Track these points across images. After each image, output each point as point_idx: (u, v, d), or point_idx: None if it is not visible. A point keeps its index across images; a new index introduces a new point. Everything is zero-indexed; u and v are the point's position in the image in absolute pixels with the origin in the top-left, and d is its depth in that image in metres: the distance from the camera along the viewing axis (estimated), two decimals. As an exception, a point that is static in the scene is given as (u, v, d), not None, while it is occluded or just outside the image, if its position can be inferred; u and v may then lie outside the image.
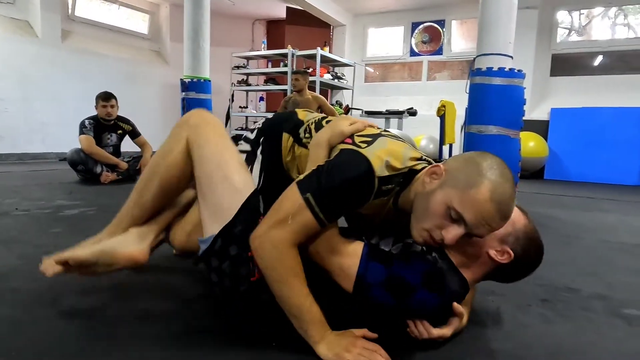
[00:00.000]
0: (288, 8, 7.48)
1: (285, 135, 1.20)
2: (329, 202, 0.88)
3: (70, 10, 6.33)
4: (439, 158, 4.30)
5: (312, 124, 1.18)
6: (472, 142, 3.25)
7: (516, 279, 1.06)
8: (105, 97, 3.70)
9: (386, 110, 6.32)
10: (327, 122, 1.15)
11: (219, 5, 7.10)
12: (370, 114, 6.43)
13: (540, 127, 6.11)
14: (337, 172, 0.88)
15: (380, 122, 6.50)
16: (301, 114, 1.26)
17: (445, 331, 0.96)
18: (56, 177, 3.87)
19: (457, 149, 5.27)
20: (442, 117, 4.50)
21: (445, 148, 4.74)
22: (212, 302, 1.18)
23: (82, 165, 3.55)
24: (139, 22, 7.53)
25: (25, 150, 5.59)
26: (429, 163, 1.02)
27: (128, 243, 1.11)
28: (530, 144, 5.63)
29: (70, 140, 4.48)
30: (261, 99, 8.19)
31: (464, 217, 0.84)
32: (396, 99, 7.36)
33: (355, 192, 0.89)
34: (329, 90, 7.80)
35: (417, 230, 0.92)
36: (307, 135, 1.16)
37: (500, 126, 3.11)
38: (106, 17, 6.94)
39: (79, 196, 2.89)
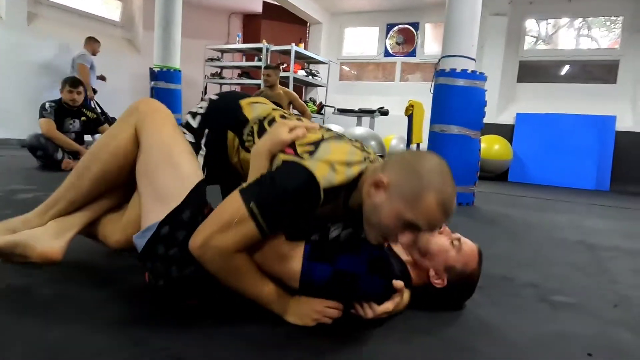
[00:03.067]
0: (265, 3, 7.46)
1: (230, 135, 1.17)
2: (273, 214, 0.89)
3: (37, -7, 6.12)
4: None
5: (255, 125, 1.14)
6: (435, 141, 3.34)
7: (431, 304, 1.15)
8: (72, 83, 3.61)
9: (358, 109, 6.40)
10: (270, 123, 1.12)
11: (195, -4, 7.01)
12: (342, 111, 6.50)
13: (506, 131, 6.31)
14: (279, 185, 0.89)
15: (352, 120, 6.58)
16: (246, 109, 1.18)
17: (388, 305, 1.00)
18: (15, 163, 3.76)
19: (424, 148, 5.38)
20: (410, 117, 4.60)
21: (413, 147, 4.84)
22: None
23: (41, 150, 3.45)
24: (111, 9, 7.36)
25: (-15, 136, 5.38)
26: (371, 160, 1.04)
27: (43, 239, 1.07)
28: (496, 147, 5.81)
29: (32, 126, 4.35)
30: (235, 93, 8.12)
31: (418, 225, 0.89)
32: (369, 99, 7.45)
33: (299, 204, 0.90)
34: (303, 87, 7.82)
35: (372, 236, 0.96)
36: (249, 138, 1.14)
37: (461, 126, 3.21)
38: (76, 2, 6.74)
39: (35, 181, 2.82)
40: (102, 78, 6.06)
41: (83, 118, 3.77)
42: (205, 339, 0.89)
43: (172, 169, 1.01)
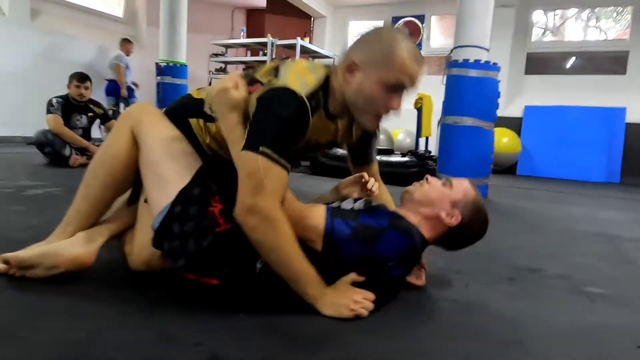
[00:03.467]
0: (269, -4, 7.40)
1: (192, 121, 1.14)
2: (282, 143, 0.91)
3: (40, -11, 6.08)
4: (415, 150, 4.34)
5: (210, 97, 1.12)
6: (447, 133, 3.30)
7: (460, 246, 1.18)
8: (80, 78, 3.58)
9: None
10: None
11: (198, -9, 6.95)
12: (348, 106, 6.44)
13: (514, 124, 6.25)
14: (270, 114, 0.91)
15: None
16: (195, 93, 1.20)
17: (424, 280, 1.15)
18: (22, 160, 3.72)
19: (433, 142, 5.33)
20: (420, 110, 4.54)
21: (422, 140, 4.79)
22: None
23: (49, 147, 3.42)
24: (113, 5, 7.30)
25: (-11, 133, 5.35)
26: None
27: (73, 245, 1.06)
28: (504, 140, 5.75)
29: (37, 123, 4.31)
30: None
31: (402, 83, 0.96)
32: (375, 93, 7.39)
33: (296, 120, 0.93)
34: (309, 82, 7.76)
35: (366, 119, 1.03)
36: (212, 110, 1.09)
37: (475, 118, 3.16)
38: (79, -2, 6.69)
39: (44, 177, 2.79)
40: (135, 85, 6.12)
41: (90, 114, 3.73)
42: (239, 334, 0.85)
43: (174, 157, 1.05)
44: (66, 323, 0.85)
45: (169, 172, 1.03)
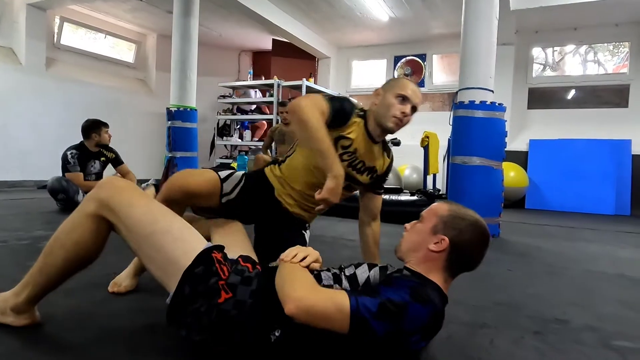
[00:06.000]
0: (274, 40, 7.64)
1: (267, 170, 1.61)
2: (335, 102, 1.46)
3: (55, 39, 6.33)
4: (423, 188, 4.35)
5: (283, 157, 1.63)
6: (457, 173, 3.31)
7: (475, 260, 1.11)
8: (106, 124, 3.76)
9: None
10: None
11: (206, 36, 7.21)
12: (355, 143, 6.50)
13: (520, 158, 6.28)
14: (340, 101, 1.50)
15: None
16: (270, 175, 1.59)
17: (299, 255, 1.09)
18: (35, 206, 3.76)
19: (440, 179, 5.35)
20: (426, 148, 4.59)
21: (429, 178, 4.81)
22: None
23: (63, 193, 3.46)
24: (124, 51, 7.58)
25: (3, 179, 5.43)
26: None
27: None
28: (511, 174, 5.75)
29: (49, 168, 4.39)
30: (246, 127, 8.23)
31: (407, 95, 1.46)
32: (380, 129, 7.48)
33: (348, 104, 1.52)
34: (314, 120, 7.88)
35: (388, 119, 1.48)
36: (282, 159, 1.62)
37: (483, 157, 3.18)
38: (92, 46, 6.96)
39: (58, 226, 2.80)
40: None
41: (102, 158, 3.80)
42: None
43: (166, 236, 1.03)
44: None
45: (165, 255, 1.02)
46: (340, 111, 1.44)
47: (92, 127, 3.67)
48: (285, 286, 0.94)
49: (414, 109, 1.48)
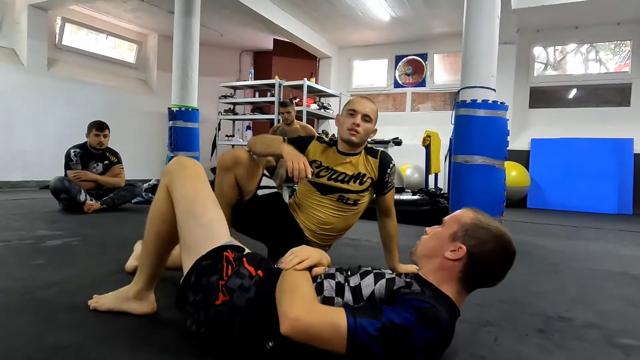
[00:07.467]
0: (275, 40, 7.64)
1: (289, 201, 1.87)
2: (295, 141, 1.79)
3: (57, 39, 6.35)
4: (425, 188, 4.34)
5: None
6: (458, 172, 3.30)
7: (496, 276, 1.04)
8: (99, 127, 3.68)
9: (372, 140, 6.41)
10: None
11: (207, 36, 7.22)
12: (356, 143, 6.50)
13: (522, 157, 6.27)
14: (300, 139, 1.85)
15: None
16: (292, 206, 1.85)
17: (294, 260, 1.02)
18: (37, 206, 3.77)
19: (442, 178, 5.34)
20: (428, 147, 4.59)
21: (431, 177, 4.81)
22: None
23: (65, 193, 3.46)
24: (126, 52, 7.59)
25: (5, 179, 5.44)
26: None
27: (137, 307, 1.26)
28: (513, 174, 5.75)
29: (51, 168, 4.40)
30: (248, 127, 8.23)
31: (355, 108, 1.69)
32: (381, 129, 7.41)
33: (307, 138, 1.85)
34: (315, 120, 7.89)
35: (344, 133, 1.71)
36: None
37: (485, 156, 3.17)
38: (93, 46, 6.97)
39: (61, 226, 2.81)
40: None
41: (106, 161, 3.81)
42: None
43: (193, 220, 1.10)
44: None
45: (188, 236, 1.09)
46: (297, 141, 1.80)
47: (88, 128, 3.70)
48: (284, 302, 0.90)
49: (365, 118, 1.68)
